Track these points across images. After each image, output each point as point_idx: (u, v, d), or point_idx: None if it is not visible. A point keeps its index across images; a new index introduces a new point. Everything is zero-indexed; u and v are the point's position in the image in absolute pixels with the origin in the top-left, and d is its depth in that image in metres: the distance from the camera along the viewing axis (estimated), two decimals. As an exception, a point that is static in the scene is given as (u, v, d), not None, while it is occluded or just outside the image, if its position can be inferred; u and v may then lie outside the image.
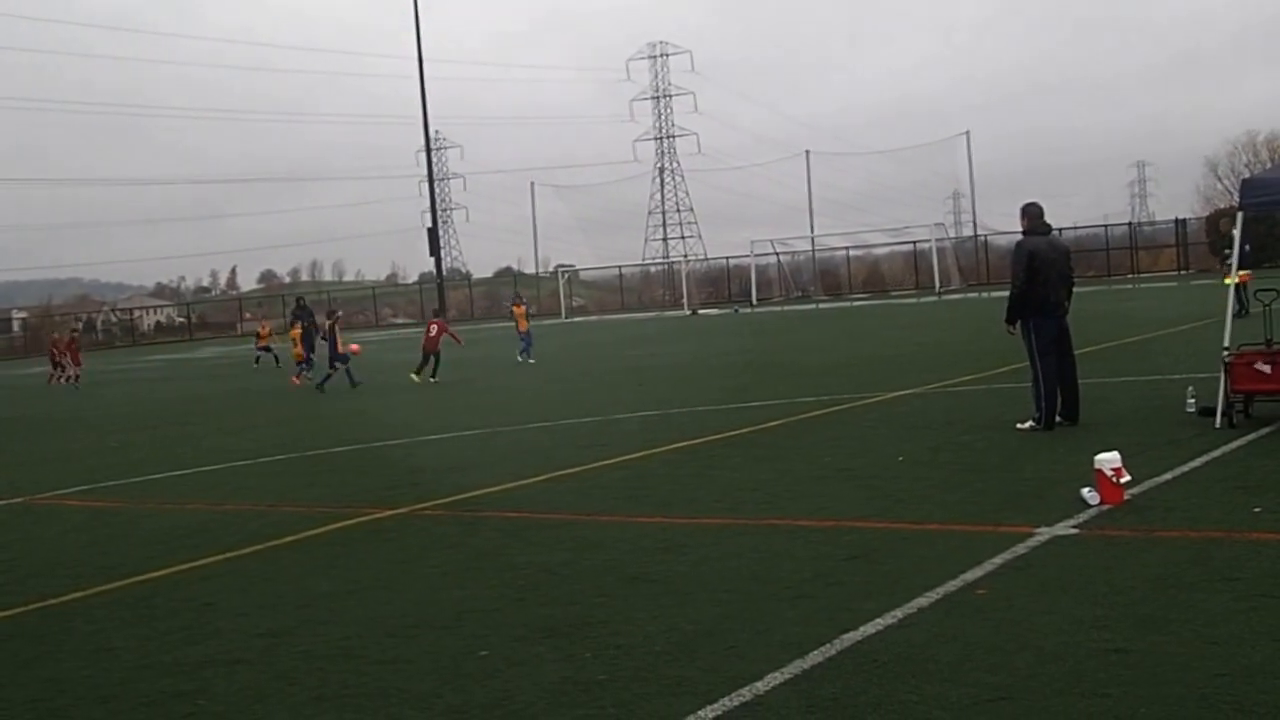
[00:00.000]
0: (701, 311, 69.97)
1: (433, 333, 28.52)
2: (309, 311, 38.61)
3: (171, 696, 6.29)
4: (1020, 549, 7.92)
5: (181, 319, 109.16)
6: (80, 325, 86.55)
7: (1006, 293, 13.59)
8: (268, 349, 40.86)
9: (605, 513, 10.33)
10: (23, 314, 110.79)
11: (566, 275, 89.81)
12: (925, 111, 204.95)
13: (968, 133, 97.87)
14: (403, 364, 31.98)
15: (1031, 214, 13.27)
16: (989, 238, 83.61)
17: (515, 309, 34.85)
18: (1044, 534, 8.30)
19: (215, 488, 13.50)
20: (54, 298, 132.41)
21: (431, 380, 27.46)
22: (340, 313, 31.27)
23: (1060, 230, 13.05)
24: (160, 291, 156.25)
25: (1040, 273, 12.95)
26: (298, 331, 32.57)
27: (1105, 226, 79.89)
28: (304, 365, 31.10)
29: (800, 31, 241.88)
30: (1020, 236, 13.43)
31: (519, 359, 32.75)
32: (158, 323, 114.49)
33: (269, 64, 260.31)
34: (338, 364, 27.64)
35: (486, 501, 11.27)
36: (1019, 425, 13.11)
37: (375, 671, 6.43)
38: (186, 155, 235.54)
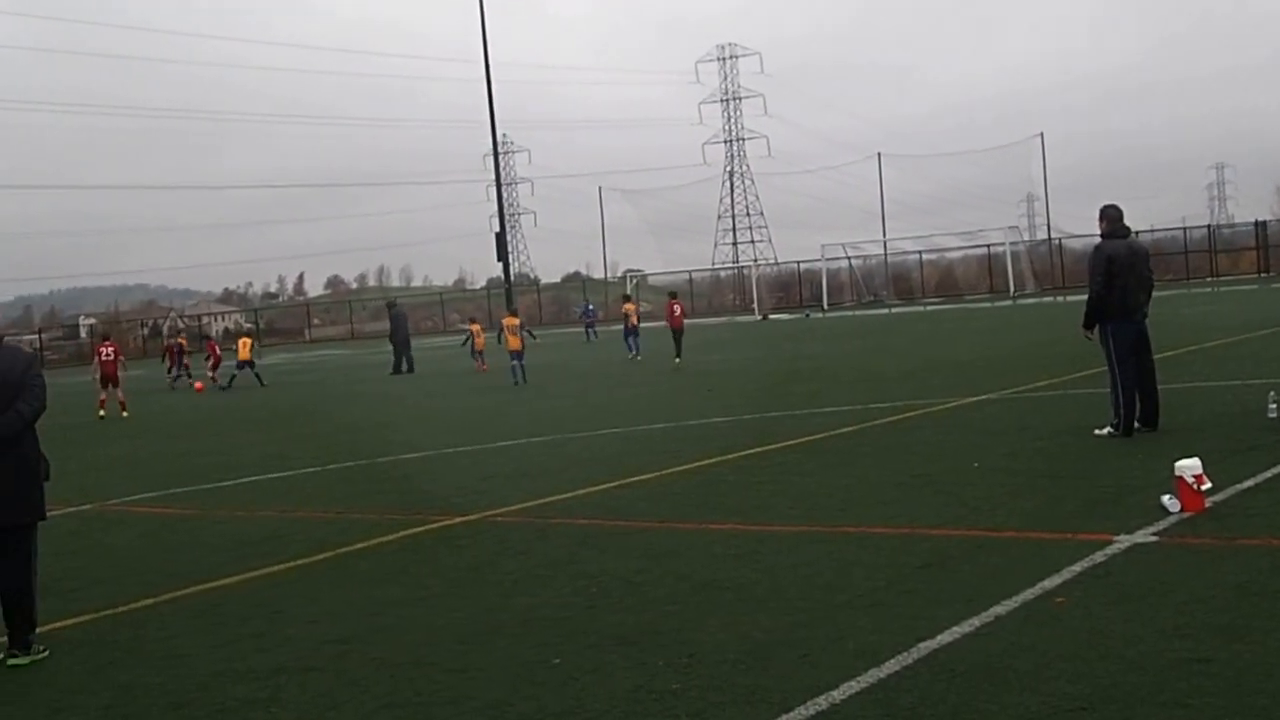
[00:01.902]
0: (772, 316, 69.78)
1: (676, 312, 32.31)
2: (403, 315, 38.37)
3: (244, 703, 6.33)
4: (1099, 557, 7.81)
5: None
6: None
7: (1083, 297, 13.40)
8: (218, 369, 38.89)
9: (677, 519, 10.29)
10: (90, 320, 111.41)
11: (635, 280, 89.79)
12: (1001, 114, 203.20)
13: (1041, 135, 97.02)
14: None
15: (1111, 216, 13.06)
16: (1064, 241, 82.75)
17: (627, 306, 37.59)
18: (1123, 542, 8.17)
19: (284, 494, 13.59)
20: (121, 303, 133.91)
21: (676, 360, 30.90)
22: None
23: (1138, 233, 12.84)
24: (228, 297, 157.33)
25: (1119, 277, 12.75)
26: (481, 328, 34.10)
27: (1184, 229, 78.99)
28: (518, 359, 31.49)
29: (874, 34, 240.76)
30: (1099, 240, 13.24)
31: (635, 357, 34.50)
32: (225, 329, 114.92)
33: (339, 69, 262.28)
34: (517, 361, 29.26)
35: (558, 508, 11.26)
36: (1097, 431, 12.92)
37: (447, 679, 6.43)
38: (255, 161, 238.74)
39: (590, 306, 61.06)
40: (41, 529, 7.80)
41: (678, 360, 31.35)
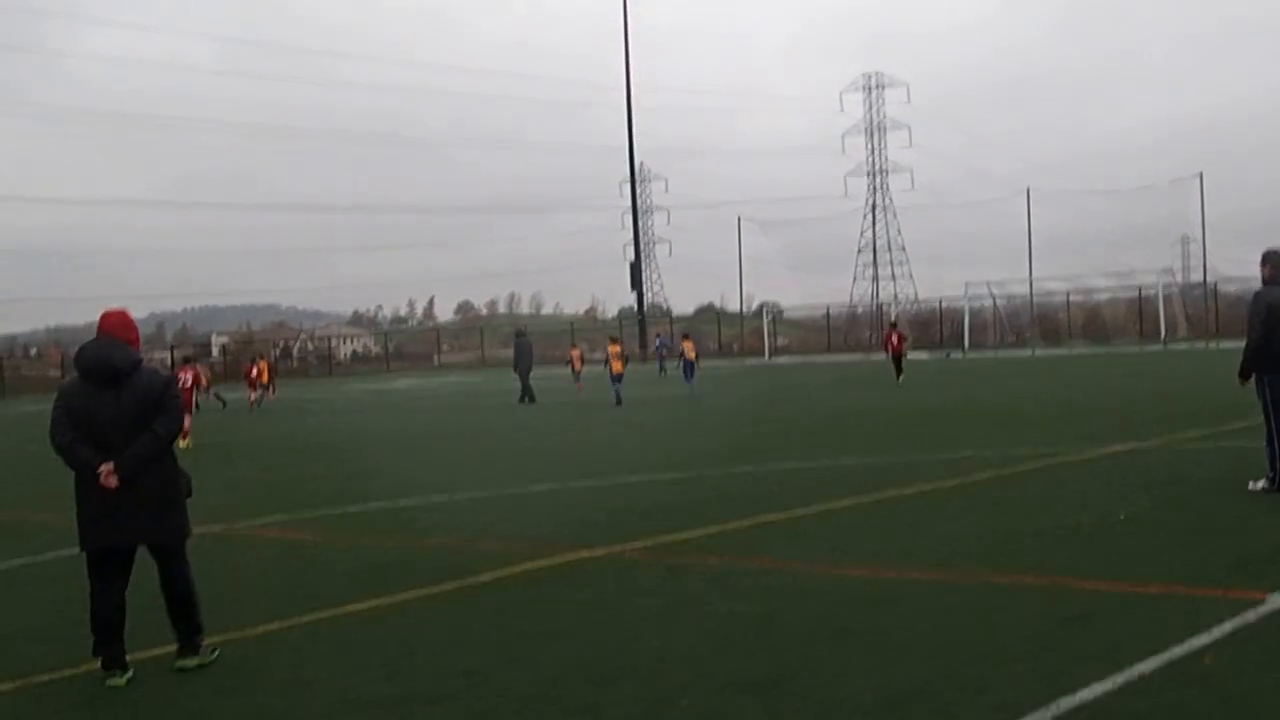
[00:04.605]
0: (911, 355, 68.90)
1: (895, 340, 39.82)
2: (528, 345, 38.36)
3: (371, 732, 6.34)
4: (1250, 616, 7.53)
5: (378, 349, 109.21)
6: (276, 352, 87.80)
7: (1238, 344, 12.96)
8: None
9: (811, 562, 10.13)
10: (223, 339, 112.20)
11: (771, 314, 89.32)
12: (1160, 153, 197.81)
13: (1200, 174, 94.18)
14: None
15: (1274, 262, 12.55)
16: (1219, 285, 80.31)
17: (686, 344, 40.08)
18: (1277, 601, 7.85)
19: (412, 522, 13.61)
20: (253, 323, 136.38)
21: (899, 383, 36.50)
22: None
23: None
24: (357, 320, 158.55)
25: (1278, 326, 12.29)
26: (580, 353, 38.10)
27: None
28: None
29: (1029, 66, 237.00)
30: (1259, 286, 12.78)
31: (693, 392, 36.52)
32: (354, 352, 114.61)
33: (479, 93, 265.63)
34: (617, 383, 33.56)
35: (689, 546, 11.15)
36: (1252, 485, 12.46)
37: (575, 717, 6.38)
38: (387, 184, 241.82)
39: (662, 340, 62.22)
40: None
41: (900, 380, 37.70)
